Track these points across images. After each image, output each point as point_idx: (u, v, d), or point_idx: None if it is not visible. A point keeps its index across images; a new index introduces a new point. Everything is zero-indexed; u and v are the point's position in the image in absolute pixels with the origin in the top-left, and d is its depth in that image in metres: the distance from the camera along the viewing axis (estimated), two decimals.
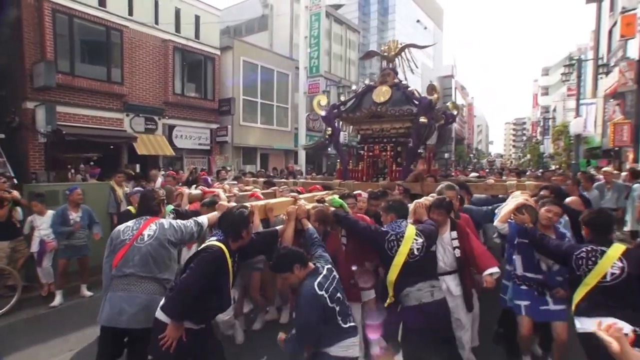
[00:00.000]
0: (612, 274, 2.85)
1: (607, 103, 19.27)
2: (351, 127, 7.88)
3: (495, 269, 3.57)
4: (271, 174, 13.46)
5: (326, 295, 2.77)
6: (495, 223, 3.94)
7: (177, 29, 16.37)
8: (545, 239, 3.33)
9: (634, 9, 14.16)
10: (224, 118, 17.97)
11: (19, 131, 11.70)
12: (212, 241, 2.92)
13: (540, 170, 15.10)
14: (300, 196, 4.51)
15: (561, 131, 29.21)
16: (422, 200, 3.94)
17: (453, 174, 13.20)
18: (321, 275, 2.85)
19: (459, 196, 4.50)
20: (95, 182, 10.26)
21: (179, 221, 3.34)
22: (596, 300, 2.86)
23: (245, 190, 5.79)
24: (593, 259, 2.92)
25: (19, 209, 6.65)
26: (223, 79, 18.08)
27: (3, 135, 9.98)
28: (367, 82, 8.25)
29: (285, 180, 7.94)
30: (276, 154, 21.14)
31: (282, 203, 4.10)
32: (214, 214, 3.54)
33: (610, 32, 18.88)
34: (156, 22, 15.56)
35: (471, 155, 66.08)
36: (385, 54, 7.50)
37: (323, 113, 7.37)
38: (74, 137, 12.13)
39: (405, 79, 7.54)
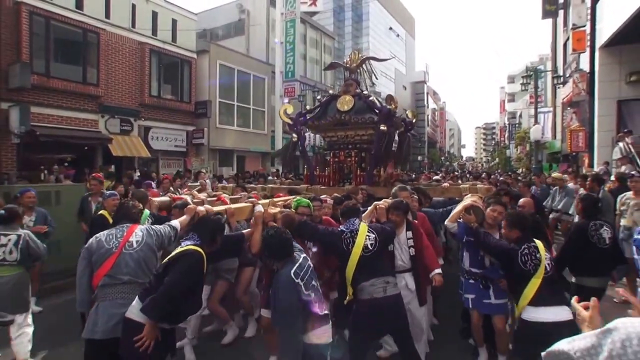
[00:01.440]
0: (548, 265, 3.20)
1: (565, 111, 20.21)
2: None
3: (438, 270, 3.89)
4: (242, 177, 13.42)
5: (301, 284, 2.85)
6: (446, 222, 4.13)
7: (154, 32, 16.40)
8: (487, 238, 3.54)
9: (583, 26, 14.93)
10: (201, 120, 18.04)
11: None
12: (190, 245, 2.91)
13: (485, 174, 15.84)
14: (265, 201, 4.54)
15: (522, 137, 30.46)
16: (381, 202, 4.12)
17: (423, 177, 13.57)
18: (297, 264, 2.93)
19: (415, 196, 4.74)
20: (69, 183, 10.20)
21: (156, 226, 3.35)
22: (547, 291, 3.12)
23: (213, 196, 5.69)
24: (534, 254, 3.18)
25: None
26: (200, 82, 18.15)
27: None
28: (330, 91, 8.31)
29: (254, 186, 7.90)
30: (253, 156, 21.29)
31: (243, 208, 4.11)
32: (185, 218, 3.53)
33: (565, 45, 19.86)
34: (133, 25, 15.57)
35: (442, 158, 67.39)
36: (348, 65, 7.67)
37: (290, 121, 7.51)
38: (48, 137, 12.05)
39: (372, 85, 7.86)
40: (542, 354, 1.26)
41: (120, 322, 2.84)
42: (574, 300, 1.68)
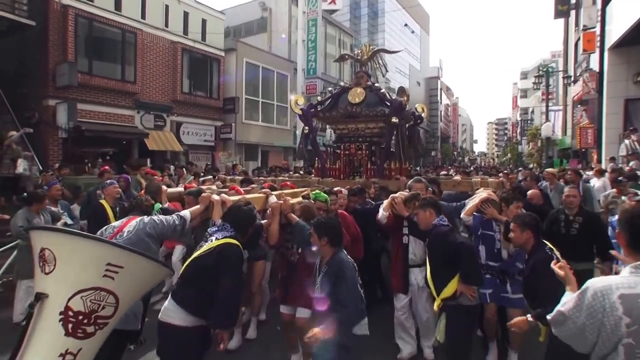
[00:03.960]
0: None
1: (576, 108, 20.37)
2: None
3: None
4: (267, 171, 13.61)
5: (356, 267, 2.87)
6: (462, 215, 4.03)
7: (185, 31, 16.83)
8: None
9: (593, 28, 15.19)
10: (228, 116, 18.53)
11: (37, 127, 12.12)
12: (227, 239, 2.73)
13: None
14: (278, 192, 4.38)
15: (534, 134, 30.47)
16: (397, 194, 4.05)
17: (444, 171, 13.79)
18: (344, 252, 2.92)
19: (429, 189, 4.64)
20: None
21: (160, 216, 3.10)
22: None
23: (225, 187, 5.54)
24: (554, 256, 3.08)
25: None
26: (227, 79, 18.58)
27: (31, 130, 10.40)
28: (342, 83, 8.34)
29: (264, 178, 7.83)
30: (276, 151, 21.71)
31: (257, 199, 3.94)
32: (197, 208, 3.29)
33: (576, 45, 19.93)
34: (166, 25, 16.03)
35: (455, 153, 67.09)
36: (359, 57, 7.59)
37: (300, 112, 7.38)
38: (91, 132, 12.63)
39: (386, 81, 7.92)
40: (548, 317, 1.71)
41: None
42: (552, 263, 2.11)
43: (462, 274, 3.10)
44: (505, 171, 14.56)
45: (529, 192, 5.36)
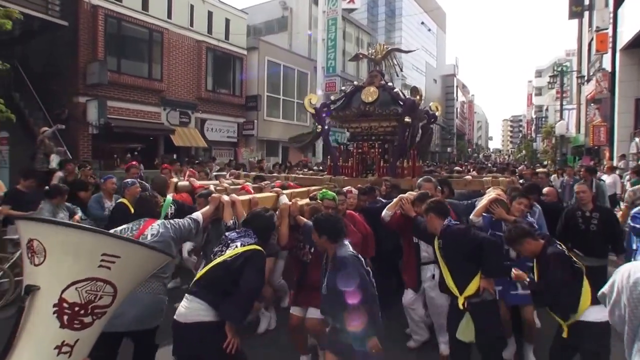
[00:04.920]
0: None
1: (589, 107, 20.29)
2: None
3: None
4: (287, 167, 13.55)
5: (362, 260, 2.86)
6: (471, 217, 3.93)
7: (209, 30, 16.80)
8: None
9: (606, 29, 15.23)
10: (250, 113, 18.48)
11: (67, 123, 12.24)
12: (253, 244, 2.77)
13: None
14: (289, 191, 4.36)
15: (549, 131, 30.17)
16: (406, 195, 3.98)
17: (458, 167, 13.57)
18: (349, 246, 2.89)
19: (439, 188, 4.57)
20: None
21: (177, 220, 3.09)
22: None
23: (237, 184, 5.53)
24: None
25: None
26: (250, 77, 18.53)
27: (64, 126, 10.50)
28: (355, 82, 8.14)
29: (277, 175, 7.83)
30: (296, 147, 21.61)
31: (267, 198, 3.94)
32: (208, 209, 3.30)
33: (589, 45, 19.98)
34: (191, 25, 16.02)
35: (470, 150, 66.29)
36: (373, 56, 7.45)
37: (313, 111, 7.26)
38: (120, 129, 12.70)
39: (402, 78, 7.66)
40: (598, 294, 1.75)
41: (122, 316, 2.57)
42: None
43: (486, 269, 3.01)
44: (520, 167, 14.40)
45: (545, 190, 5.32)
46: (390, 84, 7.16)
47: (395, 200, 3.99)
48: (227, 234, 2.95)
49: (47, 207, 5.06)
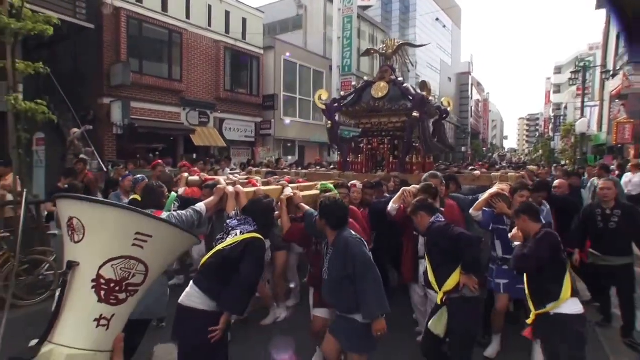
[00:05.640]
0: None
1: (613, 103, 19.88)
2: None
3: None
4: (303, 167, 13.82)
5: (365, 243, 2.95)
6: (471, 211, 4.03)
7: (227, 30, 17.21)
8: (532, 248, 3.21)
9: None
10: (267, 112, 18.88)
11: (93, 124, 12.70)
12: (252, 232, 2.89)
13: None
14: (296, 185, 4.51)
15: (568, 130, 29.91)
16: (410, 187, 4.10)
17: (474, 165, 13.75)
18: (352, 231, 2.99)
19: (444, 182, 4.62)
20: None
21: (180, 212, 3.23)
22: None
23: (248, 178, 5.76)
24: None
25: None
26: (266, 77, 18.95)
27: (91, 127, 10.95)
28: (365, 78, 8.10)
29: (287, 171, 8.04)
30: (312, 146, 21.96)
31: (272, 191, 4.05)
32: (212, 199, 3.44)
33: (618, 36, 19.42)
34: (209, 25, 16.43)
35: (485, 149, 65.98)
36: (384, 51, 7.49)
37: (324, 107, 7.33)
38: (143, 129, 13.14)
39: (403, 74, 7.57)
40: None
41: (148, 305, 2.79)
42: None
43: (464, 264, 3.07)
44: (535, 166, 14.43)
45: (556, 182, 5.44)
46: (400, 79, 7.21)
47: (399, 193, 4.06)
48: (228, 221, 3.09)
49: None
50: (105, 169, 10.55)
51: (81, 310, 1.09)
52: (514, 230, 3.42)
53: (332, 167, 11.87)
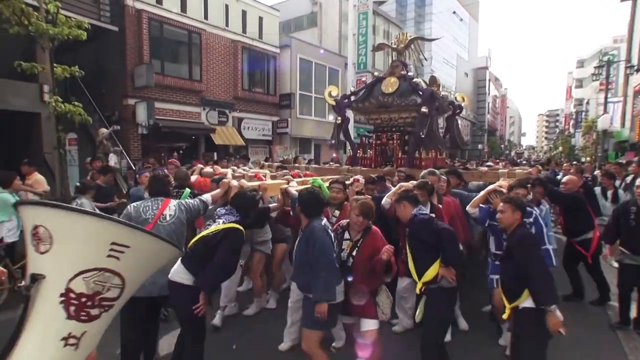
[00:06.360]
0: None
1: (637, 99, 19.79)
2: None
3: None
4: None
5: (332, 235, 3.19)
6: (467, 208, 4.17)
7: (244, 30, 17.79)
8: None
9: None
10: (284, 111, 19.46)
11: (119, 124, 13.39)
12: (233, 222, 3.22)
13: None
14: (301, 179, 4.84)
15: (590, 126, 29.72)
16: (407, 183, 4.26)
17: (491, 163, 14.04)
18: (324, 220, 3.24)
19: (443, 177, 4.79)
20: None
21: (188, 201, 3.67)
22: None
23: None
24: None
25: None
26: (283, 75, 19.53)
27: (119, 127, 11.62)
28: (376, 73, 8.48)
29: (298, 165, 8.39)
30: (328, 144, 22.46)
31: (276, 184, 4.39)
32: (217, 192, 3.91)
33: None
34: (227, 25, 17.02)
35: (502, 146, 65.68)
36: (395, 46, 7.56)
37: (334, 103, 7.49)
38: (166, 129, 13.80)
39: (416, 69, 7.67)
40: None
41: (155, 284, 3.15)
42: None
43: (444, 258, 3.23)
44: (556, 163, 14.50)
45: (565, 179, 5.52)
46: (411, 74, 7.25)
47: (394, 188, 4.20)
48: (218, 209, 3.47)
49: (85, 201, 5.67)
50: (133, 167, 11.19)
51: (46, 329, 1.01)
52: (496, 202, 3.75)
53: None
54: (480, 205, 4.09)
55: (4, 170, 5.89)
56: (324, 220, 3.23)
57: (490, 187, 4.22)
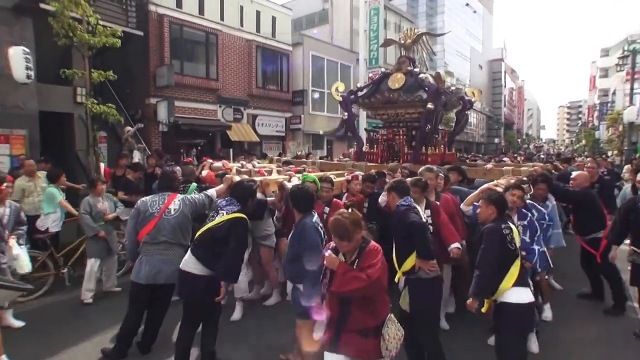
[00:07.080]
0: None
1: None
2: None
3: (457, 244, 3.89)
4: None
5: (322, 231, 3.23)
6: (461, 206, 4.23)
7: (258, 29, 18.78)
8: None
9: None
10: (297, 108, 20.44)
11: (141, 122, 14.46)
12: (237, 212, 3.39)
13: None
14: (299, 175, 4.95)
15: (615, 118, 28.94)
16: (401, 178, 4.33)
17: (507, 158, 14.56)
18: (315, 216, 3.31)
19: (441, 174, 4.77)
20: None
21: (193, 195, 3.93)
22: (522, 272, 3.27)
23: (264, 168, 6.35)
24: (512, 234, 3.26)
25: None
26: (295, 73, 20.49)
27: (142, 125, 12.67)
28: (383, 69, 8.58)
29: (305, 160, 8.66)
30: (339, 140, 23.31)
31: (276, 180, 4.61)
32: (221, 187, 4.12)
33: None
34: (242, 25, 18.03)
35: (519, 140, 65.39)
36: (403, 42, 7.72)
37: (340, 99, 7.64)
38: (186, 126, 14.86)
39: (425, 64, 7.90)
40: None
41: (161, 272, 3.53)
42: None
43: (417, 251, 3.32)
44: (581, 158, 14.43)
45: (573, 174, 5.40)
46: (417, 69, 7.33)
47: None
48: (218, 201, 3.66)
49: (87, 200, 5.67)
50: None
51: None
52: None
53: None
54: (474, 203, 4.10)
55: (55, 168, 6.78)
56: (315, 217, 3.30)
57: (485, 185, 4.31)
